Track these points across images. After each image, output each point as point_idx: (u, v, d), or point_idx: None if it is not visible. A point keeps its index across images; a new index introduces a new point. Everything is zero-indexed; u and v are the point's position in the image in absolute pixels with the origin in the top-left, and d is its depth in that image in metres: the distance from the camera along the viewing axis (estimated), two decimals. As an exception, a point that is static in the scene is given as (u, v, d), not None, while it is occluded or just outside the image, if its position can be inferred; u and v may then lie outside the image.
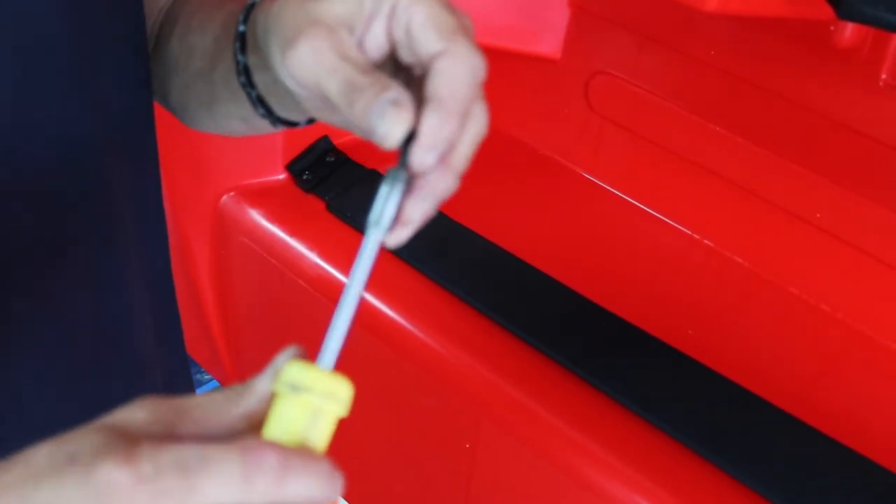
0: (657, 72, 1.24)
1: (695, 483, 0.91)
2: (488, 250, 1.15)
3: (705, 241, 1.21)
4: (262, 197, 1.27)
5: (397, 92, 0.46)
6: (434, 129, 0.46)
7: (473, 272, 1.12)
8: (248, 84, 0.63)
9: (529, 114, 1.39)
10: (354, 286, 0.45)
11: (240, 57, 0.62)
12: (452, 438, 1.07)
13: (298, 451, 0.42)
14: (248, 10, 0.62)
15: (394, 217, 0.46)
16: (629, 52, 1.26)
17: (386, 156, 1.27)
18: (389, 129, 0.45)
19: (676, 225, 1.24)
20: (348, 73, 0.47)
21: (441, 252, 1.14)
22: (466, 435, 1.05)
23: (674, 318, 1.10)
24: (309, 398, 0.43)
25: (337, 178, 1.27)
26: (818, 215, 1.12)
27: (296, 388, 0.43)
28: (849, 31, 1.01)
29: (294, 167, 1.28)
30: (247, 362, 1.38)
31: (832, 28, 1.03)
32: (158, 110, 0.76)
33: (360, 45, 0.50)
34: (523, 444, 1.00)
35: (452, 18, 0.48)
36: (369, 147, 1.40)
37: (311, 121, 0.65)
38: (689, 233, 1.22)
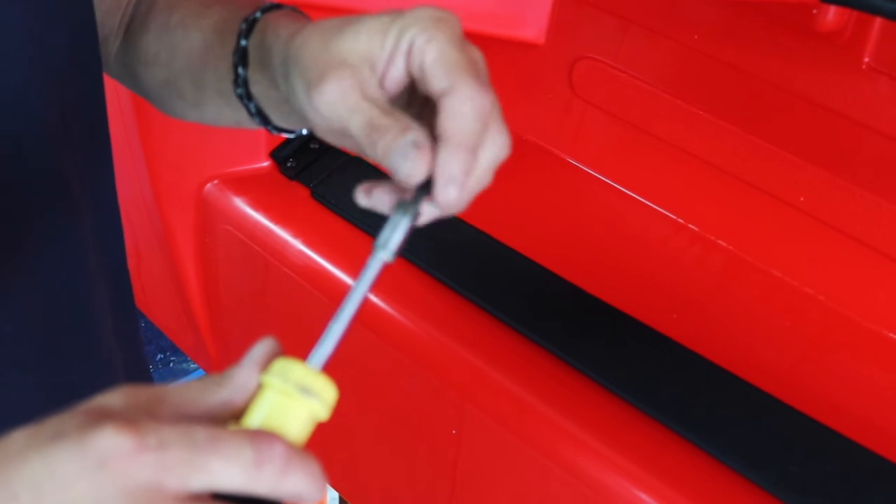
0: (641, 56, 1.24)
1: (680, 466, 0.91)
2: (471, 235, 1.15)
3: (689, 226, 1.21)
4: (246, 185, 1.26)
5: (417, 133, 0.50)
6: (446, 165, 0.50)
7: (456, 257, 1.12)
8: (247, 96, 0.64)
9: (513, 99, 1.38)
10: (354, 298, 0.48)
11: (241, 71, 0.63)
12: (438, 425, 1.07)
13: (299, 449, 0.43)
14: (251, 25, 0.63)
15: (400, 244, 0.50)
16: (613, 36, 1.26)
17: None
18: (412, 169, 0.50)
19: (660, 209, 1.24)
20: (371, 114, 0.51)
21: (424, 238, 1.14)
22: (452, 421, 1.05)
23: (658, 302, 1.10)
24: (299, 396, 0.44)
25: (321, 164, 1.27)
26: (802, 199, 1.12)
27: (287, 385, 0.44)
28: (831, 14, 1.01)
29: (278, 154, 1.28)
30: (232, 350, 1.38)
31: (815, 11, 1.03)
32: (138, 101, 0.75)
33: (382, 80, 0.53)
34: (509, 429, 1.00)
35: (461, 56, 0.52)
36: (353, 134, 1.39)
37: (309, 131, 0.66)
38: (674, 217, 1.23)
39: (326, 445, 0.44)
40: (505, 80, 1.39)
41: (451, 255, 1.13)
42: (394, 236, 0.50)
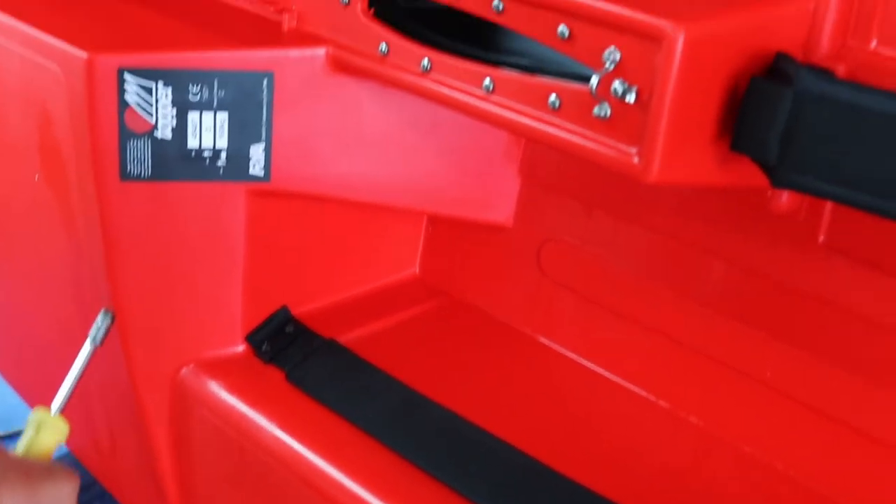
0: (606, 238, 1.28)
1: None
2: (444, 417, 1.16)
3: (660, 403, 1.23)
4: (222, 369, 1.27)
5: None
6: None
7: (429, 438, 1.12)
8: None
9: (483, 280, 1.41)
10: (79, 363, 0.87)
11: None
12: None
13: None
14: None
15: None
16: (578, 220, 1.30)
17: (344, 324, 1.31)
18: None
19: (631, 387, 1.25)
20: None
21: (397, 417, 1.15)
22: None
23: (630, 480, 1.10)
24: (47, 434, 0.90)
25: (296, 347, 1.28)
26: (768, 374, 1.14)
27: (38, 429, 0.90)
28: (785, 196, 1.05)
29: (254, 338, 1.30)
30: (206, 537, 1.36)
31: (769, 194, 1.07)
32: (114, 278, 0.79)
33: None
34: None
35: None
36: (327, 316, 1.41)
37: None
38: (644, 394, 1.24)
39: None
40: (475, 262, 1.42)
41: (424, 434, 1.13)
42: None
